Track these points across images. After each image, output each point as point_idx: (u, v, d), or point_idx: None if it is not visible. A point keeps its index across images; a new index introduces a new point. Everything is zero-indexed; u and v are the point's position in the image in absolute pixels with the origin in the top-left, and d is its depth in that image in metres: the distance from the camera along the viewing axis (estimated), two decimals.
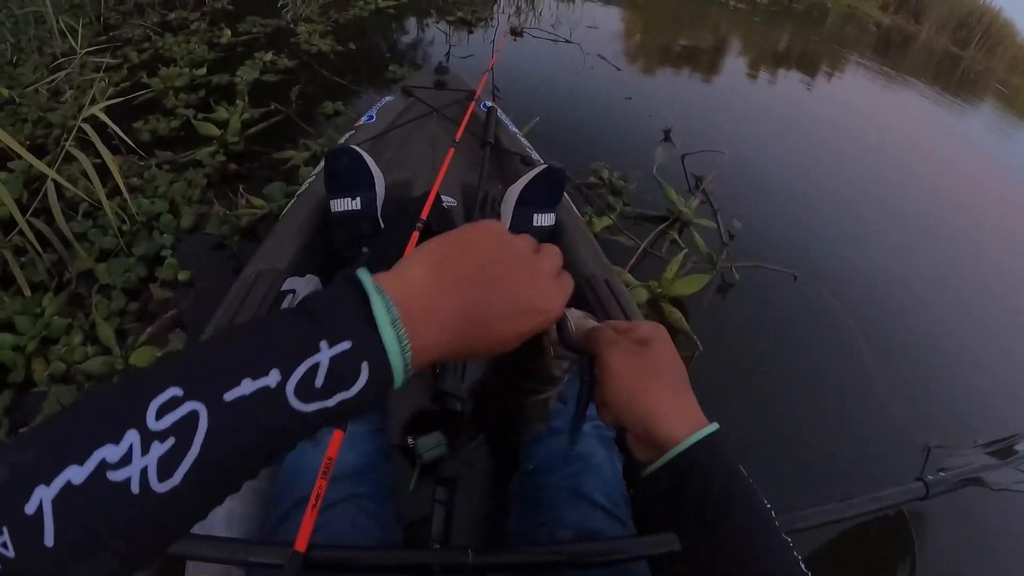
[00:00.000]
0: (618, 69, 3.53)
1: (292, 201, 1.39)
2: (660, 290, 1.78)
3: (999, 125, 6.77)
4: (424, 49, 3.35)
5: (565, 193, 1.44)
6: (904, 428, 1.64)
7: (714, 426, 0.48)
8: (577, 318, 0.69)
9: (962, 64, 11.53)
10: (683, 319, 1.71)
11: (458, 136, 1.42)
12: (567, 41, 3.71)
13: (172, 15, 3.13)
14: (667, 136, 2.80)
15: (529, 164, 1.56)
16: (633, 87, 3.36)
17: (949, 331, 2.17)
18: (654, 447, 0.48)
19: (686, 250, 1.96)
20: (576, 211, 1.49)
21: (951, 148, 4.92)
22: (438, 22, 3.71)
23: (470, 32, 3.62)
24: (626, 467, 0.83)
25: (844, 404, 1.71)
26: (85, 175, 1.60)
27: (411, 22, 3.74)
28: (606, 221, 2.04)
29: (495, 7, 4.25)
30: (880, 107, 5.38)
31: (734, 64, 4.90)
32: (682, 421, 0.47)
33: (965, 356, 2.06)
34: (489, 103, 1.75)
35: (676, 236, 2.10)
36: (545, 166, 1.33)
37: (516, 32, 3.71)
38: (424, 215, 1.08)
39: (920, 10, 13.43)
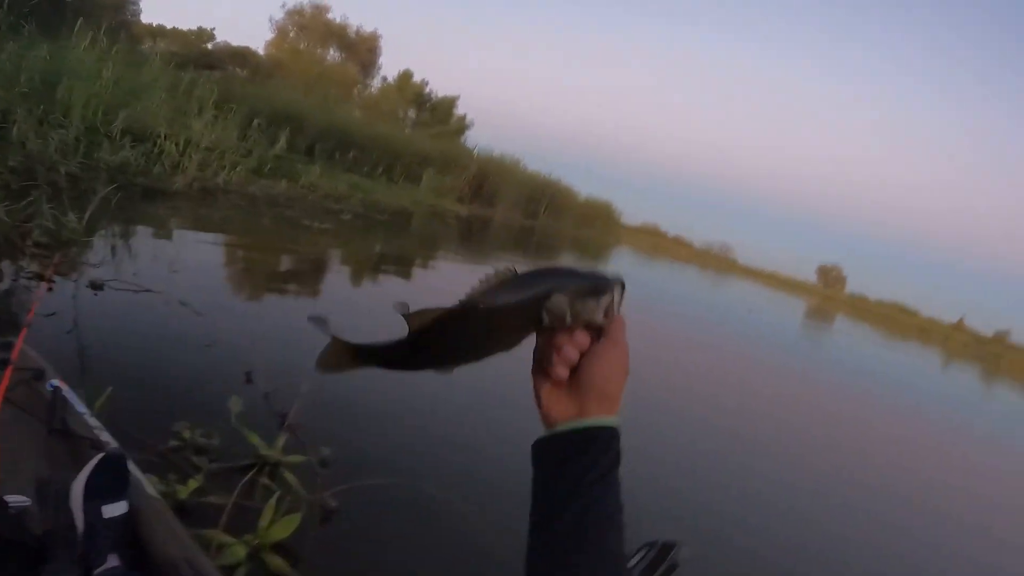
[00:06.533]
0: (199, 314, 3.74)
1: None
2: (259, 541, 1.94)
3: None
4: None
5: (138, 472, 1.55)
6: None
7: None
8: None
9: (536, 231, 15.23)
10: (286, 565, 1.90)
11: None
12: (148, 291, 3.80)
13: None
14: (248, 378, 3.07)
15: (99, 448, 1.59)
16: (216, 330, 3.59)
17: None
18: (579, 412, 0.64)
19: (278, 492, 2.18)
20: (151, 490, 1.58)
21: None
22: (15, 279, 3.46)
23: (50, 289, 3.36)
24: None
25: None
26: None
27: None
28: (193, 484, 2.12)
29: (83, 256, 4.20)
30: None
31: (323, 280, 5.63)
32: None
33: None
34: (56, 382, 1.73)
35: (268, 480, 2.32)
36: (101, 455, 1.43)
37: (96, 286, 3.68)
38: None
39: (492, 196, 17.51)
